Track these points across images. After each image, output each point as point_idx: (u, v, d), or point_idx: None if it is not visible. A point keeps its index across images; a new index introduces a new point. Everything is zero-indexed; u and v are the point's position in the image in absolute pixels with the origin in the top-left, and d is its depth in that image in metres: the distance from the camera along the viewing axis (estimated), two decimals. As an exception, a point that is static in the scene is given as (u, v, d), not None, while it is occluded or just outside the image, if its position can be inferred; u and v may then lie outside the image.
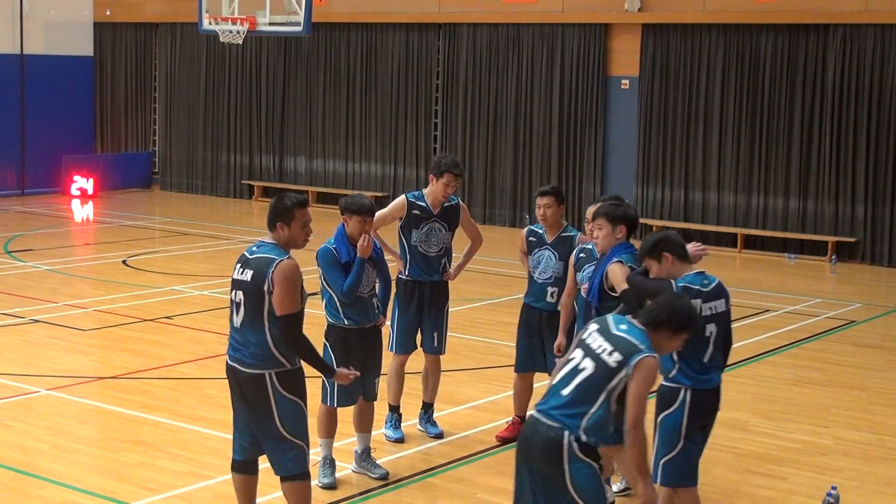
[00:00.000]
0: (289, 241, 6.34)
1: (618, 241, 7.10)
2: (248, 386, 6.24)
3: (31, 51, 24.08)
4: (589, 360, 5.46)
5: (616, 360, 5.40)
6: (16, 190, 23.90)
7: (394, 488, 7.76)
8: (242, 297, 6.25)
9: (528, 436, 5.49)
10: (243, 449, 6.45)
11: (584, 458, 5.35)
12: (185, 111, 25.23)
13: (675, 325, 5.54)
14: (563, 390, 5.46)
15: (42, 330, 12.13)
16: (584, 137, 20.61)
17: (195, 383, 10.24)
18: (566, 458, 5.33)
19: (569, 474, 5.34)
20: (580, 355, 5.51)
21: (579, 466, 5.35)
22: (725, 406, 9.81)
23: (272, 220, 6.34)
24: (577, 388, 5.43)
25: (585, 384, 5.42)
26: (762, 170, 19.12)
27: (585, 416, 5.37)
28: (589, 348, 5.51)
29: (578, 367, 5.48)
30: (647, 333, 5.49)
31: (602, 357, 5.43)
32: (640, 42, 20.06)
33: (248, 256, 6.31)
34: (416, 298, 8.65)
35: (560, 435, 5.35)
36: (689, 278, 6.33)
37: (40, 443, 8.53)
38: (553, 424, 5.38)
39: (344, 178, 23.26)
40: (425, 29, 22.10)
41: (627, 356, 5.39)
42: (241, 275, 6.28)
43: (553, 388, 5.53)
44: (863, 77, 18.23)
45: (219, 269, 15.78)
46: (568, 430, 5.35)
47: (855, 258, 18.48)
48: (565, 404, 5.41)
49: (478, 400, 9.88)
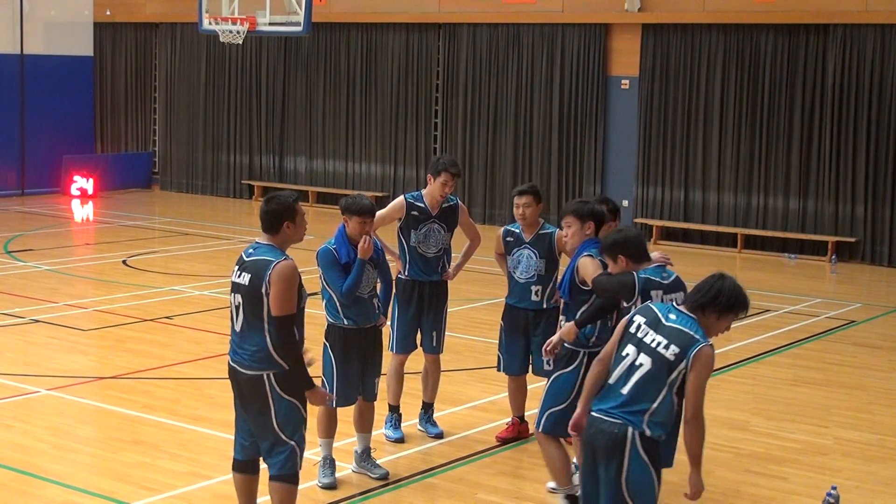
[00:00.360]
0: (292, 238, 6.35)
1: (587, 237, 7.22)
2: (248, 387, 6.25)
3: (31, 51, 24.08)
4: (645, 355, 5.48)
5: (674, 354, 5.42)
6: (16, 190, 23.90)
7: (394, 488, 7.76)
8: (241, 301, 6.25)
9: (590, 438, 5.53)
10: (244, 449, 6.46)
11: (644, 457, 5.40)
12: (185, 111, 25.23)
13: (720, 306, 5.56)
14: (622, 389, 5.48)
15: (42, 330, 12.13)
16: (584, 137, 20.61)
17: (195, 383, 10.24)
18: (627, 454, 5.39)
19: (626, 470, 5.40)
20: (634, 351, 5.52)
21: (638, 463, 5.40)
22: (725, 406, 9.88)
23: (278, 220, 6.31)
24: (636, 386, 5.45)
25: (644, 380, 5.45)
26: (762, 170, 19.13)
27: (648, 412, 5.42)
28: (642, 343, 5.51)
29: (635, 363, 5.49)
30: (696, 319, 5.52)
31: (658, 351, 5.45)
32: (640, 42, 20.06)
33: (245, 259, 6.31)
34: (415, 298, 8.66)
35: (624, 431, 5.40)
36: (649, 271, 6.52)
37: (40, 443, 8.53)
38: (616, 421, 5.43)
39: (344, 178, 23.26)
40: (425, 29, 22.10)
41: (685, 348, 5.42)
42: (239, 278, 6.28)
43: (611, 388, 5.54)
44: (863, 77, 18.23)
45: (219, 269, 15.78)
46: (632, 426, 5.40)
47: (855, 258, 18.48)
48: (626, 402, 5.45)
49: (478, 400, 9.87)
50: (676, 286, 6.61)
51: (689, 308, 5.57)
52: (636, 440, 5.39)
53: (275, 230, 6.32)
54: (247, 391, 6.26)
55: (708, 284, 5.61)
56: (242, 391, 6.30)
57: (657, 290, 6.46)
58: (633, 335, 5.57)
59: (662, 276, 6.58)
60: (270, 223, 6.32)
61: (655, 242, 19.80)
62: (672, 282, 6.60)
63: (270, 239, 6.33)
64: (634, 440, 5.39)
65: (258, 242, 6.37)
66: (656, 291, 6.45)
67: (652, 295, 6.45)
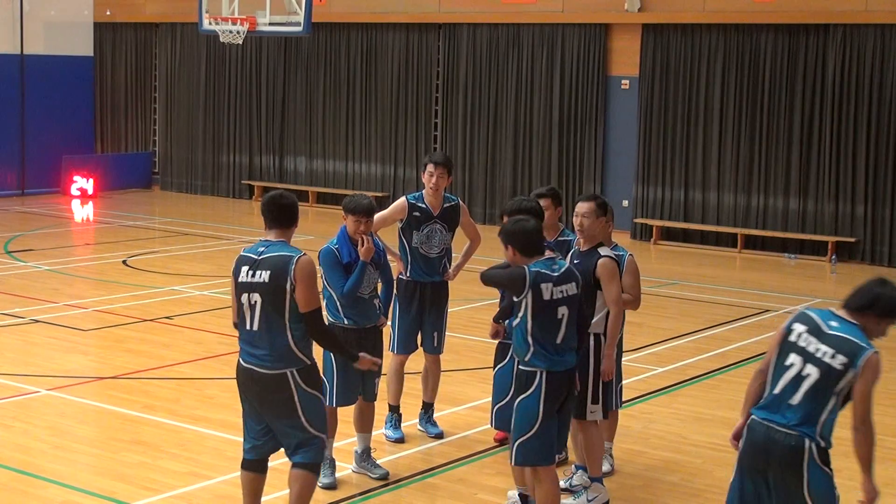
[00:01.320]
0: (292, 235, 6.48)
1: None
2: (270, 385, 6.24)
3: (31, 51, 24.08)
4: (811, 365, 5.44)
5: (841, 363, 5.40)
6: (16, 190, 23.90)
7: (394, 488, 7.76)
8: (259, 300, 6.21)
9: (760, 445, 5.48)
10: (256, 448, 6.46)
11: (822, 466, 5.40)
12: (185, 111, 25.23)
13: (880, 311, 5.53)
14: (790, 399, 5.45)
15: (42, 330, 12.13)
16: (584, 137, 20.61)
17: (195, 383, 10.24)
18: (806, 466, 5.37)
19: (807, 481, 5.38)
20: (800, 361, 5.49)
21: (818, 474, 5.39)
22: (725, 406, 9.89)
23: (294, 214, 6.39)
24: (806, 396, 5.43)
25: (814, 390, 5.42)
26: (762, 170, 19.13)
27: (819, 422, 5.41)
28: (807, 353, 5.48)
29: (802, 373, 5.46)
30: (858, 325, 5.50)
31: (826, 361, 5.42)
32: (640, 42, 20.06)
33: (257, 258, 6.26)
34: (416, 299, 8.66)
35: (801, 442, 5.38)
36: (539, 264, 6.55)
37: (40, 443, 8.53)
38: (791, 433, 5.40)
39: (344, 178, 23.26)
40: (425, 29, 22.10)
41: (853, 357, 5.39)
42: (254, 277, 6.22)
43: (778, 398, 5.50)
44: (863, 77, 18.23)
45: (219, 269, 15.78)
46: (808, 438, 5.38)
47: (855, 258, 18.48)
48: (797, 412, 5.42)
49: (478, 400, 9.87)
50: (567, 278, 6.60)
51: (849, 313, 5.54)
52: (813, 452, 5.38)
53: (288, 224, 6.37)
54: (269, 390, 6.25)
55: (867, 288, 5.59)
56: (262, 391, 6.27)
57: (547, 283, 6.48)
58: (795, 344, 5.54)
59: (553, 268, 6.57)
60: (288, 217, 6.38)
61: (655, 242, 19.81)
62: (562, 274, 6.58)
63: (281, 234, 6.35)
64: (812, 452, 5.38)
65: (266, 240, 6.36)
66: (546, 284, 6.47)
67: (542, 288, 6.46)
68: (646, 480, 8.15)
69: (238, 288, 6.32)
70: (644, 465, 8.47)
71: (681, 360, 11.62)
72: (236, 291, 6.35)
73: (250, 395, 6.36)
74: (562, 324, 6.54)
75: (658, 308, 14.23)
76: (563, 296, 6.54)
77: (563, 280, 6.57)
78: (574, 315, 6.61)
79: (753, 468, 5.53)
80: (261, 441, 6.43)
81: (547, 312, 6.47)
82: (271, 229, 6.38)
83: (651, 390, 10.44)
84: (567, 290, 6.56)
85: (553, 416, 6.58)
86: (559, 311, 6.52)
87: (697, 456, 8.71)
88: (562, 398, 6.61)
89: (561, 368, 6.55)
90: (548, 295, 6.47)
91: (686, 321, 13.62)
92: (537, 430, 6.53)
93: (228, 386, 6.55)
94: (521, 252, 6.60)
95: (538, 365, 6.51)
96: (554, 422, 6.61)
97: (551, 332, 6.51)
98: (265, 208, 6.45)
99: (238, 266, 6.34)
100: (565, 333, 6.56)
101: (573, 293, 6.60)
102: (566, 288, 6.57)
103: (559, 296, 6.52)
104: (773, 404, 5.50)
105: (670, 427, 9.40)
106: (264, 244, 6.34)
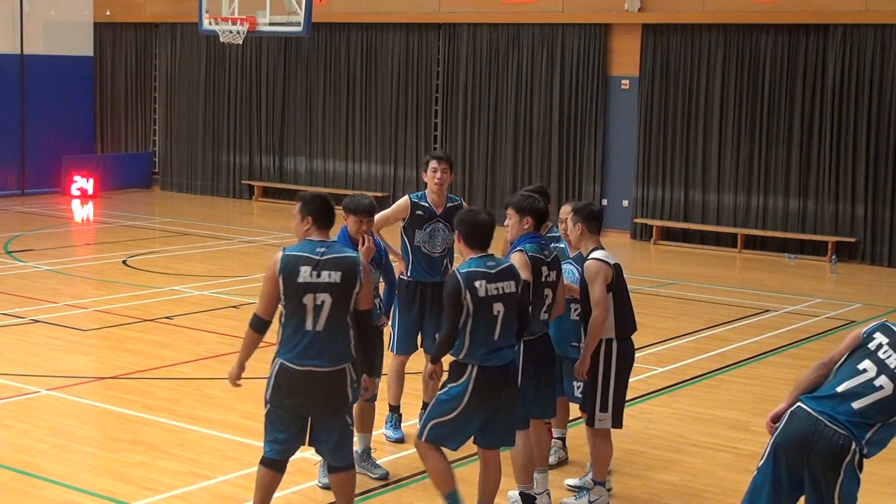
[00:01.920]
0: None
1: (525, 231, 7.21)
2: (332, 382, 6.31)
3: (31, 51, 24.08)
4: (887, 378, 5.39)
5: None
6: (16, 190, 23.90)
7: (394, 488, 7.76)
8: (329, 300, 6.24)
9: (806, 435, 5.43)
10: (284, 450, 6.48)
11: (857, 472, 5.41)
12: (185, 111, 25.23)
13: None
14: (854, 403, 5.40)
15: (42, 330, 12.13)
16: (584, 137, 20.61)
17: (195, 383, 10.24)
18: (845, 467, 5.37)
19: (841, 481, 5.38)
20: (874, 370, 5.44)
21: (852, 477, 5.39)
22: (725, 406, 9.89)
23: (334, 218, 6.54)
24: (872, 406, 5.39)
25: (882, 403, 5.39)
26: (762, 170, 19.12)
27: (872, 430, 5.40)
28: (885, 365, 5.43)
29: (874, 383, 5.41)
30: None
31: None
32: (640, 42, 20.06)
33: (319, 258, 6.27)
34: (417, 300, 8.64)
35: (848, 444, 5.36)
36: (472, 262, 6.61)
37: (40, 443, 8.53)
38: (841, 431, 5.37)
39: (344, 178, 23.26)
40: (425, 29, 22.10)
41: None
42: (320, 277, 6.22)
43: (839, 396, 5.45)
44: (863, 77, 18.23)
45: (219, 269, 15.79)
46: (855, 442, 5.36)
47: (855, 258, 18.48)
48: (856, 415, 5.39)
49: (478, 400, 9.86)
50: (505, 276, 6.59)
51: None
52: (855, 456, 5.37)
53: (332, 225, 6.49)
54: (330, 388, 6.31)
55: None
56: (323, 390, 6.30)
57: (480, 280, 6.50)
58: (874, 353, 5.48)
59: (488, 265, 6.59)
60: (334, 218, 6.51)
61: (655, 243, 19.81)
62: (499, 271, 6.58)
63: (327, 235, 6.44)
64: (854, 456, 5.37)
65: (322, 240, 6.37)
66: (480, 281, 6.50)
67: (476, 286, 6.48)
68: (646, 480, 8.15)
69: (298, 289, 6.24)
70: (644, 465, 8.47)
71: (681, 360, 11.62)
72: (291, 292, 6.25)
73: (302, 397, 6.32)
74: (497, 321, 6.54)
75: (658, 308, 14.24)
76: (499, 293, 6.54)
77: (500, 277, 6.57)
78: (512, 313, 6.61)
79: (793, 456, 5.48)
80: (290, 444, 6.46)
81: (482, 309, 6.49)
82: (321, 229, 6.41)
83: (651, 390, 10.44)
84: (504, 288, 6.56)
85: (480, 410, 6.58)
86: (494, 308, 6.52)
87: (697, 456, 8.71)
88: (497, 393, 6.58)
89: (494, 364, 6.57)
90: (483, 292, 6.49)
91: (686, 321, 13.62)
92: (455, 417, 6.58)
93: (228, 386, 6.53)
94: (465, 241, 6.69)
95: (470, 361, 6.55)
96: (478, 416, 6.60)
97: (488, 330, 6.52)
98: (316, 207, 6.43)
99: (292, 266, 6.25)
100: (501, 331, 6.57)
101: (510, 291, 6.59)
102: (503, 285, 6.56)
103: (494, 292, 6.53)
104: (832, 400, 5.45)
105: (670, 427, 9.40)
106: (321, 244, 6.34)
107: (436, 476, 6.76)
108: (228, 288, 14.57)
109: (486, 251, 6.71)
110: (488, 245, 6.73)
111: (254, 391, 9.90)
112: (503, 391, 6.64)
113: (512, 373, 6.73)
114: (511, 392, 6.72)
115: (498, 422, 6.69)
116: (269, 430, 6.46)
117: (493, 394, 6.59)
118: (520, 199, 7.28)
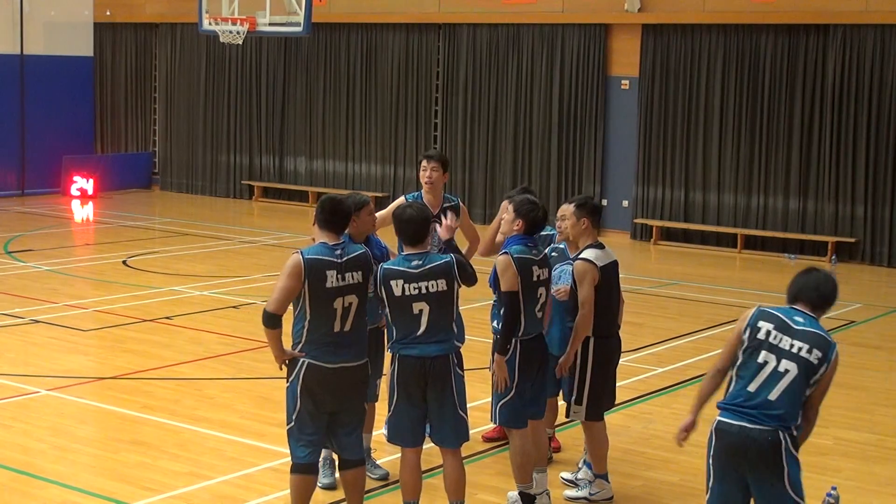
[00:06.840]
0: None
1: (514, 232, 7.21)
2: (358, 375, 6.51)
3: (31, 51, 24.08)
4: (788, 361, 5.52)
5: (817, 357, 5.53)
6: (16, 190, 23.91)
7: (394, 488, 7.75)
8: (356, 301, 6.42)
9: (737, 446, 5.52)
10: (315, 452, 6.53)
11: (795, 453, 5.49)
12: (185, 111, 25.24)
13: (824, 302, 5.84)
14: (769, 395, 5.50)
15: (42, 330, 12.13)
16: (584, 137, 20.61)
17: (195, 383, 10.24)
18: (784, 458, 5.45)
19: (787, 472, 5.46)
20: (773, 358, 5.54)
21: (793, 462, 5.49)
22: (725, 406, 9.87)
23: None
24: (786, 392, 5.49)
25: (793, 385, 5.51)
26: (762, 170, 19.13)
27: (796, 415, 5.51)
28: (779, 349, 5.55)
29: (778, 369, 5.52)
30: (817, 318, 5.68)
31: (803, 356, 5.52)
32: (640, 42, 20.06)
33: (340, 261, 6.39)
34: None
35: (777, 436, 5.44)
36: (397, 260, 6.64)
37: (40, 443, 8.53)
38: (767, 428, 5.46)
39: (344, 178, 23.26)
40: (425, 29, 22.11)
41: (826, 351, 5.54)
42: (344, 280, 6.36)
43: (753, 395, 5.52)
44: (863, 77, 18.23)
45: (219, 270, 15.80)
46: (783, 430, 5.45)
47: (855, 258, 18.48)
48: (776, 407, 5.48)
49: (478, 400, 9.84)
50: (430, 276, 6.52)
51: (813, 309, 5.73)
52: (787, 442, 5.46)
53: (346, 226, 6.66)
54: (356, 379, 6.51)
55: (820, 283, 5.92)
56: (352, 383, 6.47)
57: (398, 280, 6.47)
58: (765, 341, 5.58)
59: (411, 265, 6.53)
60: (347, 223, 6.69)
61: (655, 243, 19.82)
62: (423, 271, 6.51)
63: (338, 238, 6.50)
64: (787, 442, 5.46)
65: (335, 243, 6.45)
66: (396, 281, 6.47)
67: (392, 285, 6.46)
68: (646, 480, 8.15)
69: (328, 294, 6.31)
70: (644, 465, 8.47)
71: (681, 360, 11.62)
72: (321, 297, 6.31)
73: (334, 393, 6.40)
74: (421, 319, 6.50)
75: (658, 308, 14.24)
76: (420, 292, 6.49)
77: (423, 277, 6.51)
78: (442, 312, 6.54)
79: (731, 470, 5.56)
80: (321, 443, 6.54)
81: (400, 307, 6.48)
82: (334, 232, 6.46)
83: (651, 390, 10.44)
84: (427, 287, 6.50)
85: (415, 404, 6.61)
86: (415, 308, 6.48)
87: (697, 456, 8.67)
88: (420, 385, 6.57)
89: (414, 354, 6.54)
90: (398, 291, 6.47)
91: (686, 321, 13.62)
92: (392, 410, 6.68)
93: (228, 386, 6.53)
94: (403, 240, 6.66)
95: (394, 349, 6.62)
96: (413, 410, 6.62)
97: (409, 325, 6.51)
98: (331, 210, 6.48)
99: (317, 269, 6.30)
100: (427, 328, 6.52)
101: (436, 290, 6.52)
102: (426, 285, 6.50)
103: (414, 292, 6.48)
104: (746, 402, 5.53)
105: (670, 427, 9.37)
106: (337, 245, 6.42)
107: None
108: (228, 288, 14.56)
109: (419, 248, 6.61)
110: (417, 241, 6.62)
111: (254, 391, 9.92)
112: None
113: (544, 345, 7.21)
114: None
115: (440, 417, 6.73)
116: (298, 435, 6.45)
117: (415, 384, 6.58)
118: (520, 202, 7.25)
